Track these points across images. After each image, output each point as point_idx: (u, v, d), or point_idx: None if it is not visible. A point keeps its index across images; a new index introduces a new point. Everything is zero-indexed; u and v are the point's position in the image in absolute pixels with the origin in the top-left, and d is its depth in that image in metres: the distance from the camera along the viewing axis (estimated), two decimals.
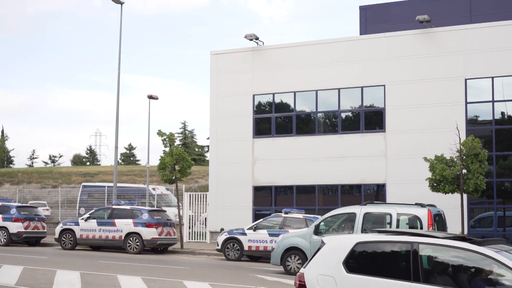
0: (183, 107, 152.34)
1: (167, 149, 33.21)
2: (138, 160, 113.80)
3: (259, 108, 36.81)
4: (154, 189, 47.60)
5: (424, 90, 32.88)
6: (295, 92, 35.86)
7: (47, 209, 51.16)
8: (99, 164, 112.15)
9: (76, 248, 31.22)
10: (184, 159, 32.56)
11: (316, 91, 35.36)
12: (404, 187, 32.55)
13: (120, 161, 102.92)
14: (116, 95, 36.73)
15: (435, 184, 27.14)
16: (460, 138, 27.01)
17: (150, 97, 47.44)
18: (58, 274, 18.84)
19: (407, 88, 33.29)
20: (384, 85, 33.83)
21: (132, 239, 29.92)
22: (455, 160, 26.77)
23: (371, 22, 37.67)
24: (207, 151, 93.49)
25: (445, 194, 27.30)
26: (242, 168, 36.35)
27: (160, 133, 33.04)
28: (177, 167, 32.60)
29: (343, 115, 35.10)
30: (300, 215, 27.50)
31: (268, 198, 36.05)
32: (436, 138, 31.41)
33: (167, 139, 33.23)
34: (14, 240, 32.74)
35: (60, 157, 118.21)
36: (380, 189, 33.74)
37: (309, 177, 34.91)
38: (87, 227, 30.82)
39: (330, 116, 35.52)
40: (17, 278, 17.67)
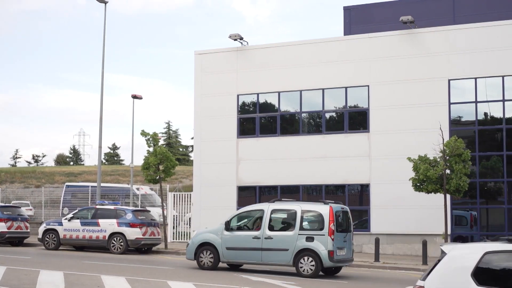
0: (167, 107, 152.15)
1: (151, 149, 33.13)
2: (122, 160, 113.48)
3: (243, 108, 36.82)
4: (138, 189, 47.50)
5: (408, 90, 33.02)
6: (279, 92, 35.90)
7: (30, 209, 50.92)
8: (83, 164, 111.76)
9: (60, 248, 31.08)
10: (168, 159, 32.49)
11: (300, 91, 35.43)
12: (388, 187, 32.69)
13: (104, 161, 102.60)
14: (100, 95, 36.67)
15: (418, 184, 27.28)
16: (443, 139, 27.15)
17: (134, 96, 47.35)
18: (41, 274, 18.75)
19: (391, 88, 33.42)
20: (368, 86, 33.95)
21: (116, 239, 29.82)
22: (439, 160, 26.92)
23: (355, 22, 37.77)
24: (191, 151, 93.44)
25: (428, 194, 27.45)
26: (226, 168, 36.34)
27: (144, 133, 32.94)
28: (161, 167, 32.53)
29: (327, 115, 35.18)
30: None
31: (252, 198, 36.04)
32: (419, 138, 31.54)
33: (151, 139, 33.14)
34: None
35: (44, 156, 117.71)
36: (364, 189, 33.84)
37: (293, 177, 34.97)
38: (71, 227, 30.69)
39: (314, 116, 35.59)
40: (0, 278, 17.57)
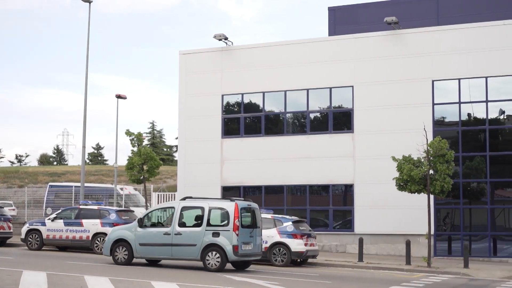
0: (152, 107, 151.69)
1: (135, 149, 33.05)
2: (106, 160, 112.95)
3: (228, 108, 36.79)
4: (122, 189, 47.27)
5: (392, 91, 33.13)
6: (264, 93, 35.91)
7: (13, 209, 50.52)
8: (67, 164, 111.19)
9: (43, 248, 30.87)
10: (153, 159, 32.44)
11: (285, 91, 35.46)
12: (372, 187, 32.78)
13: (87, 161, 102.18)
14: (84, 95, 36.49)
15: (402, 184, 27.36)
16: (427, 139, 27.25)
17: (118, 96, 47.10)
18: (24, 274, 18.61)
19: (375, 89, 33.51)
20: (353, 86, 34.03)
21: (99, 239, 29.67)
22: (423, 160, 27.01)
23: (339, 23, 37.85)
24: (176, 151, 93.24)
25: (412, 194, 27.53)
26: (210, 168, 36.30)
27: (128, 133, 32.86)
28: (145, 167, 32.46)
29: (312, 115, 35.22)
30: (268, 215, 27.52)
31: None
32: (404, 138, 31.65)
33: (135, 139, 33.07)
34: None
35: (27, 156, 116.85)
36: (348, 189, 33.91)
37: (278, 177, 34.99)
38: (54, 227, 30.51)
39: (299, 117, 35.62)
40: None
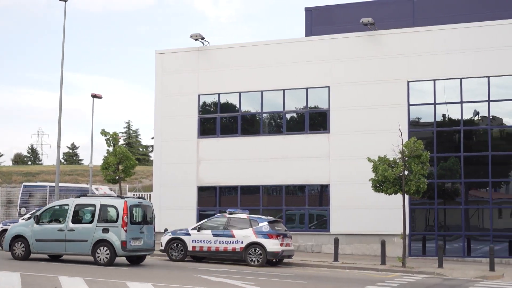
0: (128, 107, 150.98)
1: (110, 149, 32.90)
2: (81, 160, 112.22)
3: (204, 108, 36.73)
4: (97, 189, 47.00)
5: (368, 92, 33.27)
6: (240, 93, 35.90)
7: None
8: (41, 164, 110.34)
9: None
10: (128, 159, 32.32)
11: (261, 91, 35.47)
12: (348, 187, 32.89)
13: (62, 161, 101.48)
14: (59, 94, 36.22)
15: (377, 185, 27.48)
16: (402, 140, 27.38)
17: (94, 96, 46.83)
18: None
19: (351, 89, 33.63)
20: (329, 87, 34.12)
21: None
22: (398, 161, 27.14)
23: (316, 23, 37.92)
24: (152, 151, 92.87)
25: (388, 195, 27.64)
26: (186, 168, 36.22)
27: (103, 133, 32.70)
28: (120, 167, 32.33)
29: (288, 115, 35.27)
30: (244, 216, 27.54)
31: (212, 198, 36.00)
32: (379, 139, 31.79)
33: (110, 139, 32.91)
34: None
35: (1, 156, 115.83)
36: (324, 189, 34.00)
37: (254, 177, 34.99)
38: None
39: (275, 117, 35.65)
40: None
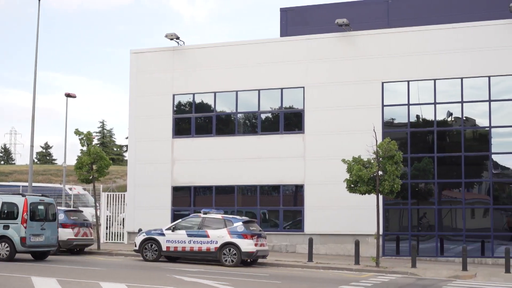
0: (102, 106, 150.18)
1: (84, 148, 32.66)
2: (54, 160, 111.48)
3: (179, 108, 36.63)
4: (70, 189, 46.70)
5: (343, 92, 33.39)
6: (215, 93, 35.85)
7: None
8: (14, 163, 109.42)
9: None
10: (102, 159, 32.11)
11: (236, 91, 35.45)
12: (322, 187, 32.98)
13: (36, 160, 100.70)
14: (33, 93, 35.93)
15: (352, 185, 27.58)
16: (376, 140, 27.51)
17: (68, 95, 46.50)
18: None
19: (326, 90, 33.74)
20: (304, 87, 34.20)
21: None
22: (372, 161, 27.27)
23: (291, 24, 37.99)
24: (126, 150, 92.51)
25: (362, 195, 27.77)
26: (161, 168, 36.10)
27: (77, 132, 32.44)
28: (94, 167, 32.11)
29: (263, 116, 35.29)
30: (219, 216, 27.52)
31: (187, 198, 35.91)
32: (354, 139, 31.92)
33: (84, 138, 32.65)
34: None
35: None
36: (298, 189, 34.06)
37: (229, 177, 34.96)
38: None
39: (250, 117, 35.66)
40: None
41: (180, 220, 28.68)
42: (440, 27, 32.51)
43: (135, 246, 28.14)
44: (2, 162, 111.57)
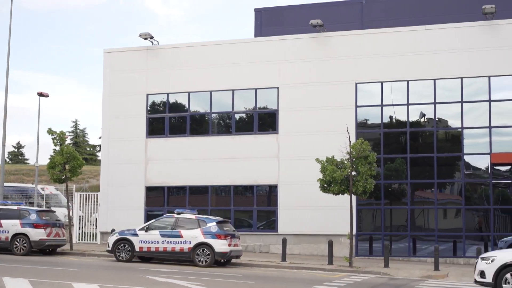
0: (75, 106, 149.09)
1: (57, 148, 32.42)
2: (26, 159, 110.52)
3: (153, 108, 36.51)
4: (43, 188, 46.32)
5: (317, 93, 33.50)
6: (189, 93, 35.78)
7: None
8: None
9: None
10: (75, 158, 31.89)
11: (211, 92, 35.41)
12: (296, 188, 33.06)
13: (7, 160, 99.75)
14: (5, 92, 35.64)
15: (325, 185, 27.68)
16: (350, 141, 27.63)
17: (40, 94, 46.13)
18: None
19: (300, 90, 33.82)
20: (278, 88, 34.25)
21: (19, 240, 29.02)
22: (346, 162, 27.39)
23: (266, 24, 38.07)
24: (99, 150, 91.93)
25: (335, 195, 27.87)
26: (134, 168, 35.96)
27: (50, 132, 32.19)
28: (67, 167, 31.90)
29: (237, 116, 35.29)
30: (192, 216, 27.47)
31: (160, 198, 35.80)
32: (327, 140, 32.03)
33: (57, 138, 32.41)
34: None
35: None
36: (272, 189, 34.11)
37: (202, 177, 34.92)
38: None
39: (224, 117, 35.64)
40: None
41: (153, 220, 28.57)
42: (413, 29, 32.77)
43: (108, 246, 27.99)
44: None
